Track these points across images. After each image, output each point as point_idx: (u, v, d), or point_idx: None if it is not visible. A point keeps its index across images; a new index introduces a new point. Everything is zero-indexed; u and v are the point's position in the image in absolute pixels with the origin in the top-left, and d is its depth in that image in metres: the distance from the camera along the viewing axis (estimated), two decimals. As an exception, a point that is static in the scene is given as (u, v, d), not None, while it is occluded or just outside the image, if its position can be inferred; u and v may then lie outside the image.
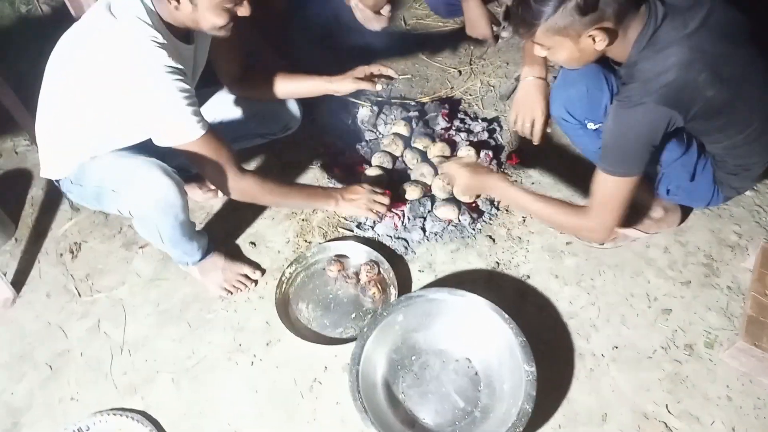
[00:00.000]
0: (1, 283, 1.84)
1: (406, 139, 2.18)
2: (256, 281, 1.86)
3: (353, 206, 1.80)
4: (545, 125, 1.76)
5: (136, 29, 1.33)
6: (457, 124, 2.24)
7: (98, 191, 1.53)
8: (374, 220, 1.90)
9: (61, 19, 2.11)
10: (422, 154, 2.12)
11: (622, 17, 1.25)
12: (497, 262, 1.85)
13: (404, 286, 1.80)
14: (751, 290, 1.61)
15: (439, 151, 2.09)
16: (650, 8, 1.27)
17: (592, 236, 1.52)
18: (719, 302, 1.71)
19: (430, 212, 1.94)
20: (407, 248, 1.90)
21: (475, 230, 1.92)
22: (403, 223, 1.92)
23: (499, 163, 2.09)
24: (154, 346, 1.74)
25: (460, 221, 1.92)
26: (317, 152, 2.21)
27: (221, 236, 1.96)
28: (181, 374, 1.67)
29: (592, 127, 1.58)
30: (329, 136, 2.25)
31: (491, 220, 1.95)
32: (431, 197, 1.97)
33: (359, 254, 1.87)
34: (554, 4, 1.21)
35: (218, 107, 1.86)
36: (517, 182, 1.63)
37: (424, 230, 1.91)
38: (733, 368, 1.57)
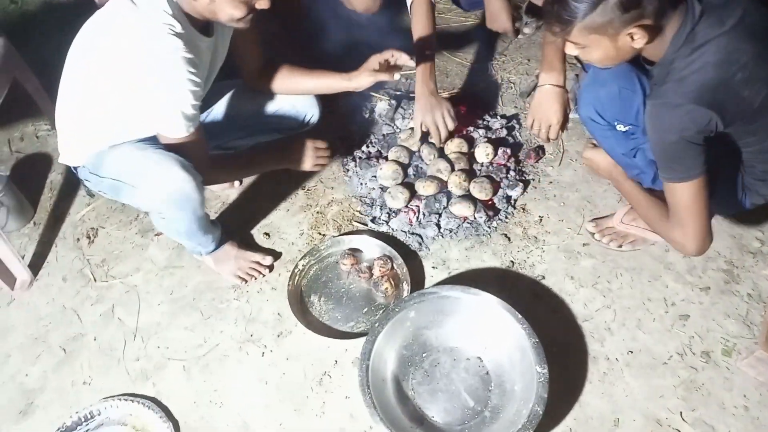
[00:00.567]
0: (18, 265, 1.86)
1: (423, 134, 2.16)
2: (270, 267, 1.86)
3: (300, 164, 1.78)
4: (560, 131, 1.76)
5: (153, 16, 1.33)
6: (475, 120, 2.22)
7: (115, 184, 1.53)
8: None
9: (84, 6, 2.12)
10: (439, 149, 2.10)
11: (661, 14, 1.21)
12: (512, 261, 1.83)
13: (417, 282, 1.79)
14: (772, 299, 1.58)
15: (456, 147, 2.07)
16: (687, 5, 1.24)
17: (682, 249, 1.45)
18: (738, 309, 1.68)
19: (445, 209, 1.92)
20: (421, 244, 1.89)
21: (490, 228, 1.90)
22: (417, 218, 1.91)
23: (517, 160, 2.07)
24: (166, 333, 1.75)
25: (475, 218, 1.90)
26: (334, 145, 2.19)
27: (236, 226, 1.97)
28: (192, 362, 1.68)
29: (621, 128, 1.54)
30: (346, 129, 2.24)
31: (507, 218, 1.93)
32: (447, 193, 1.96)
33: (373, 249, 1.86)
34: (593, 1, 1.17)
35: (237, 101, 1.86)
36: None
37: (438, 226, 1.90)
38: (750, 378, 1.54)
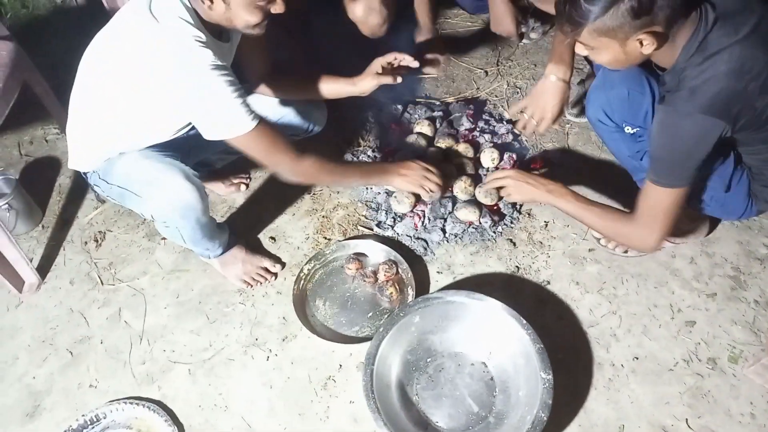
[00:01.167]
0: (27, 268, 1.88)
1: (429, 138, 2.16)
2: (275, 275, 1.87)
3: (406, 181, 1.76)
4: (549, 127, 1.74)
5: (180, 30, 1.33)
6: (481, 125, 2.22)
7: (122, 192, 1.55)
8: (426, 199, 1.84)
9: (95, 11, 2.14)
10: (445, 154, 2.10)
11: (672, 22, 1.20)
12: (517, 266, 1.83)
13: (422, 287, 1.79)
14: (779, 306, 1.57)
15: (462, 151, 2.08)
16: (701, 13, 1.22)
17: (640, 246, 1.47)
18: (745, 316, 1.67)
19: (450, 213, 1.92)
20: (426, 249, 1.89)
21: (495, 233, 1.90)
22: (423, 223, 1.91)
23: (523, 166, 2.06)
24: (172, 337, 1.76)
25: (480, 224, 1.90)
26: (341, 149, 2.21)
27: (242, 230, 1.98)
28: (197, 366, 1.69)
29: (629, 131, 1.54)
30: (352, 134, 2.25)
31: (512, 223, 1.93)
32: (452, 198, 1.96)
33: (378, 253, 1.87)
34: (605, 4, 1.16)
35: None
36: (563, 189, 1.59)
37: (444, 231, 1.90)
38: (757, 385, 1.53)
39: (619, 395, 1.54)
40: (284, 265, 1.90)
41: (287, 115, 1.89)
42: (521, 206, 1.97)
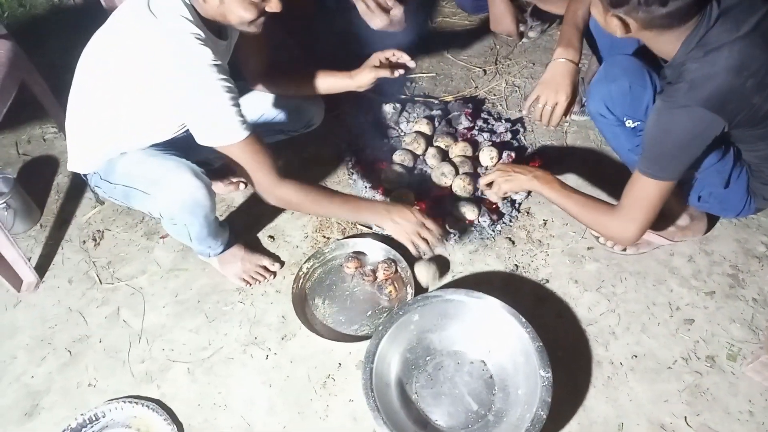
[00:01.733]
0: (25, 267, 1.87)
1: (428, 137, 2.16)
2: (274, 273, 1.87)
3: (396, 230, 1.59)
4: (566, 111, 1.66)
5: (179, 27, 1.32)
6: (480, 123, 2.22)
7: (127, 191, 1.54)
8: (414, 254, 1.66)
9: (93, 10, 2.13)
10: (444, 153, 2.10)
11: (651, 26, 1.22)
12: (516, 264, 1.83)
13: (421, 285, 1.79)
14: (778, 303, 1.57)
15: (460, 150, 2.08)
16: (705, 9, 1.22)
17: (618, 236, 1.47)
18: (744, 314, 1.67)
19: (449, 212, 1.92)
20: (425, 248, 1.88)
21: (494, 232, 1.90)
22: (422, 222, 1.91)
23: (521, 164, 2.06)
24: (171, 335, 1.76)
25: (479, 222, 1.90)
26: (339, 148, 2.21)
27: (241, 229, 1.97)
28: (196, 365, 1.69)
29: (630, 124, 1.54)
30: (351, 132, 2.25)
31: (511, 222, 1.93)
32: (451, 197, 1.96)
33: (377, 252, 1.87)
34: None
35: (240, 101, 1.86)
36: (549, 176, 1.58)
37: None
38: (756, 383, 1.54)
39: (618, 393, 1.55)
40: (283, 263, 1.90)
41: (285, 110, 1.89)
42: (520, 205, 1.97)
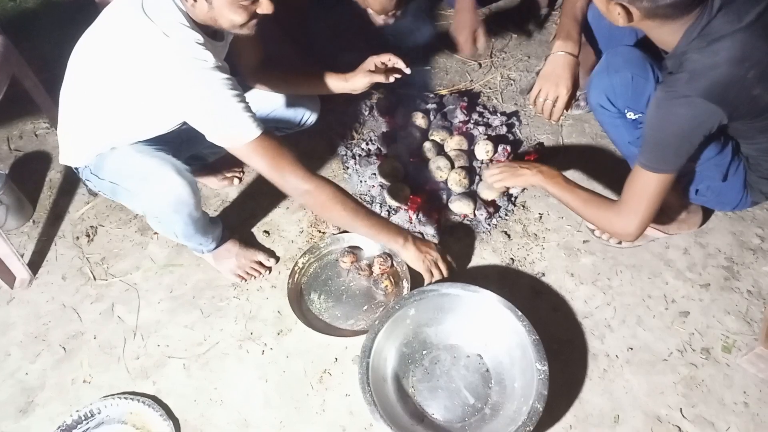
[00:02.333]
0: (18, 264, 1.86)
1: (423, 131, 2.16)
2: (270, 269, 1.87)
3: (417, 258, 1.61)
4: (567, 105, 1.65)
5: (178, 33, 1.30)
6: (475, 117, 2.22)
7: (114, 187, 1.54)
8: (427, 280, 1.65)
9: (84, 4, 2.11)
10: (439, 146, 2.10)
11: (654, 16, 1.21)
12: (512, 258, 1.83)
13: (417, 279, 1.78)
14: (772, 295, 1.58)
15: (456, 144, 2.07)
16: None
17: (621, 232, 1.47)
18: (738, 306, 1.68)
19: (445, 206, 1.92)
20: (421, 242, 1.88)
21: (490, 226, 1.90)
22: (417, 216, 1.91)
23: (517, 158, 2.06)
24: (166, 331, 1.75)
25: (475, 216, 1.90)
26: (334, 143, 2.20)
27: (235, 224, 1.97)
28: (192, 360, 1.68)
29: (631, 116, 1.53)
30: (346, 126, 2.24)
31: (507, 216, 1.93)
32: (447, 191, 1.95)
33: (372, 246, 1.86)
34: None
35: None
36: (553, 171, 1.60)
37: (438, 224, 1.89)
38: (750, 374, 1.54)
39: (613, 385, 1.55)
40: (278, 258, 1.90)
41: (279, 107, 1.87)
42: (516, 198, 1.97)
